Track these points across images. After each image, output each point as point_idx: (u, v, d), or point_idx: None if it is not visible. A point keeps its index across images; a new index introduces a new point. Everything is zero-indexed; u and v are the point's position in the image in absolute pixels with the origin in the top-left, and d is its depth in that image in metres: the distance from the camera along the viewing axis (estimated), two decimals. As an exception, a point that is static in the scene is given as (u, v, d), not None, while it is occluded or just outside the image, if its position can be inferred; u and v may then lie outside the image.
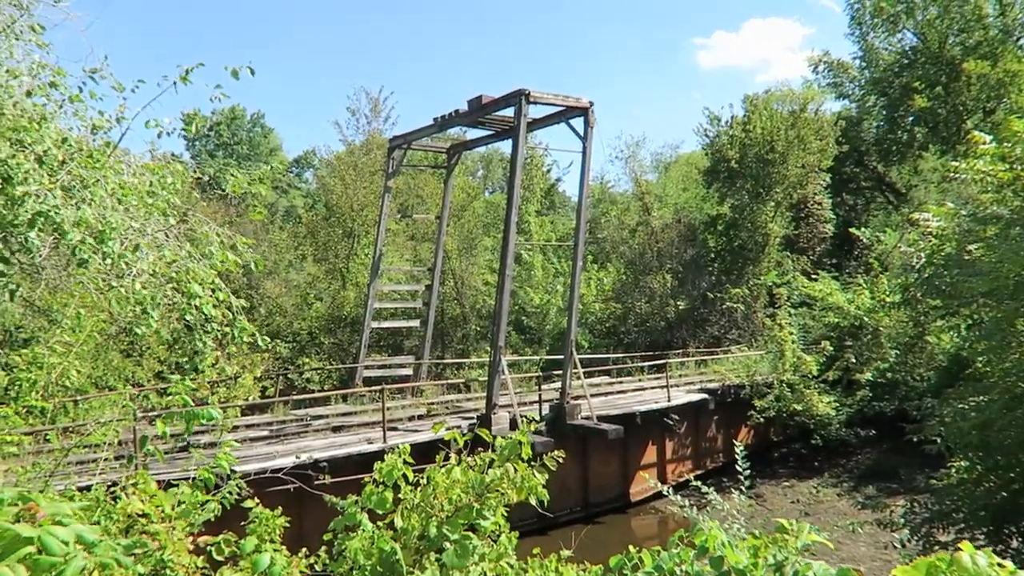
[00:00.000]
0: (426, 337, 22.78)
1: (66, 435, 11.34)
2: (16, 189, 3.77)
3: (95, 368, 21.64)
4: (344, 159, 35.07)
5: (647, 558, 2.28)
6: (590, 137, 17.92)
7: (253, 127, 60.10)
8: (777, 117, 30.33)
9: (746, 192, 30.90)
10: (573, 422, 17.29)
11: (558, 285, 32.88)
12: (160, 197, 4.82)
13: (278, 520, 5.61)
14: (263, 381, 23.19)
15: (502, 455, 4.71)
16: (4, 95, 4.27)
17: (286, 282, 33.25)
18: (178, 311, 4.78)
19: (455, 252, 32.76)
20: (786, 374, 21.62)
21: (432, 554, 4.48)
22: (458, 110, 19.35)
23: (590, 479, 18.60)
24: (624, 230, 36.31)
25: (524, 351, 31.00)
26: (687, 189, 41.50)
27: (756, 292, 30.48)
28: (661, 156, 48.96)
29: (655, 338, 31.81)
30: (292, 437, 16.07)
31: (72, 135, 4.57)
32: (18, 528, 2.00)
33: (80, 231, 3.98)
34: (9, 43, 4.49)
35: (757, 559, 1.95)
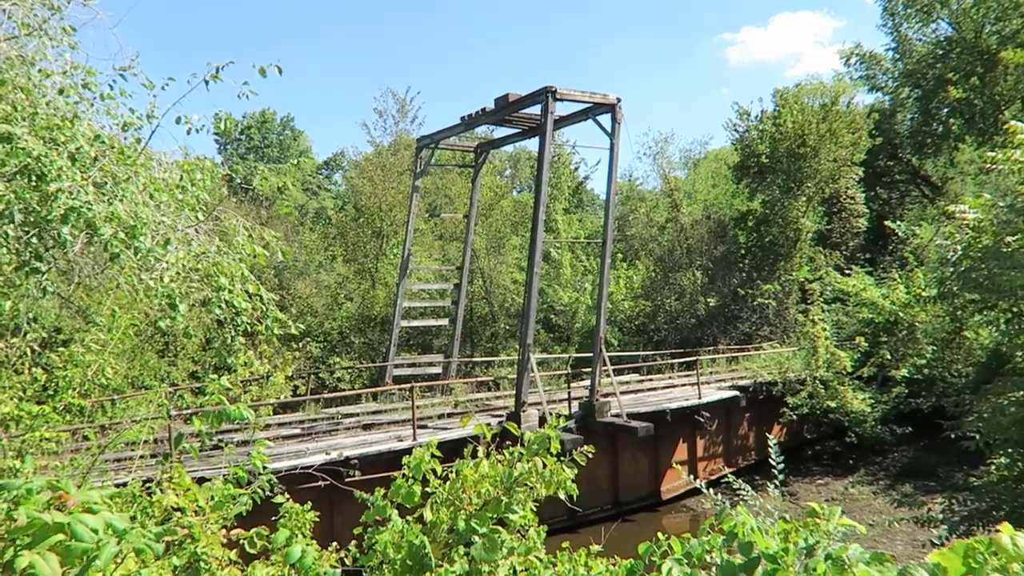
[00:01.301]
0: (455, 336, 22.83)
1: (103, 433, 11.53)
2: (49, 186, 3.84)
3: (131, 368, 22.03)
4: (372, 160, 35.34)
5: (676, 545, 2.24)
6: (618, 133, 17.83)
7: (283, 130, 60.77)
8: (808, 111, 29.91)
9: (777, 187, 30.52)
10: (603, 420, 17.22)
11: (586, 283, 32.77)
12: (190, 193, 4.88)
13: (308, 515, 5.65)
14: (294, 380, 23.41)
15: (531, 449, 4.69)
16: (37, 94, 4.36)
17: (316, 283, 33.58)
18: (207, 306, 4.83)
19: (483, 251, 32.81)
20: (819, 371, 21.32)
21: (461, 548, 4.48)
22: (485, 108, 19.37)
23: (620, 477, 18.51)
24: (653, 227, 36.09)
25: (553, 349, 30.96)
26: (716, 185, 41.11)
27: (788, 288, 30.11)
28: (690, 153, 48.53)
29: (685, 335, 31.57)
30: (323, 435, 16.21)
31: (104, 133, 4.65)
32: (48, 516, 2.02)
33: (112, 226, 4.04)
34: (41, 43, 4.58)
35: (788, 544, 1.91)
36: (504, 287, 33.41)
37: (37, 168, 3.91)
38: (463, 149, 24.87)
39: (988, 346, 19.20)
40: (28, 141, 3.90)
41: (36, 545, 2.00)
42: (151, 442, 9.38)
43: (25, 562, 1.92)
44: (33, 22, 4.50)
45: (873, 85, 36.40)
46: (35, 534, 2.03)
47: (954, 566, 1.64)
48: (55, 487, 2.13)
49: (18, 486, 2.03)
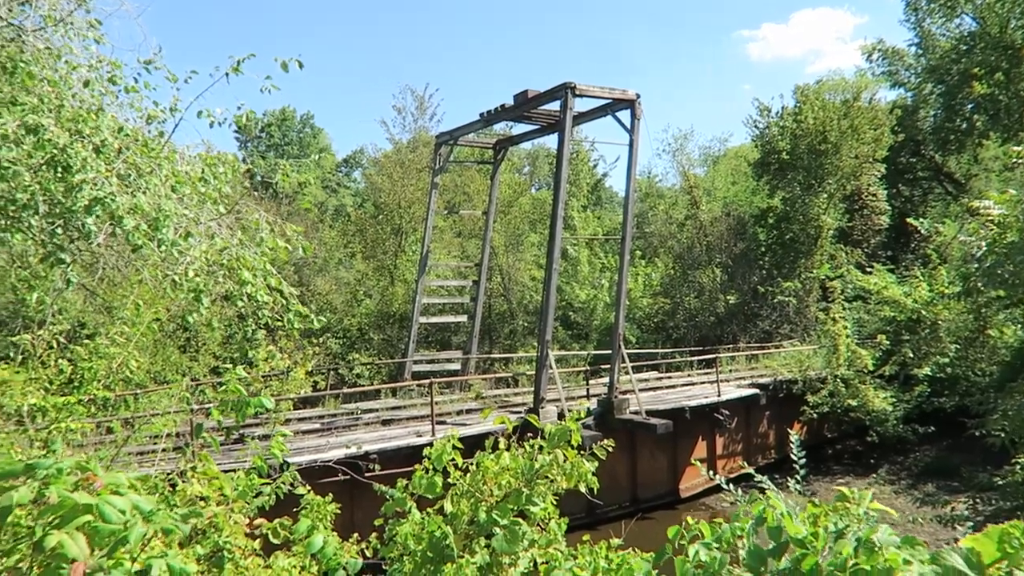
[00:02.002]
0: (473, 332, 22.86)
1: (127, 426, 11.65)
2: (74, 177, 3.88)
3: (154, 363, 22.23)
4: (391, 157, 35.42)
5: (706, 529, 2.23)
6: (637, 129, 17.76)
7: (303, 128, 61.10)
8: (830, 107, 29.63)
9: (798, 184, 30.27)
10: (621, 416, 17.17)
11: (604, 280, 32.69)
12: (212, 186, 4.91)
13: (330, 507, 5.67)
14: (314, 376, 23.54)
15: (551, 441, 4.68)
16: (63, 87, 4.41)
17: (336, 279, 33.74)
18: (230, 299, 4.86)
19: (502, 248, 32.82)
20: (840, 369, 21.13)
21: (482, 539, 4.48)
22: (504, 105, 19.37)
23: (639, 474, 18.46)
24: (672, 224, 35.92)
25: (571, 346, 30.91)
26: (736, 182, 40.84)
27: (808, 286, 29.86)
28: (709, 150, 48.21)
29: (704, 333, 31.41)
30: (343, 430, 16.30)
31: (127, 125, 4.69)
32: (77, 496, 2.04)
33: (135, 218, 4.08)
34: (67, 36, 4.64)
35: (817, 528, 1.88)
36: (522, 284, 33.40)
37: (63, 160, 3.95)
38: (482, 146, 24.88)
39: (1013, 344, 18.95)
40: (54, 132, 3.94)
41: (65, 525, 2.02)
42: (173, 435, 9.47)
43: (54, 541, 1.94)
44: (58, 15, 4.56)
45: (895, 81, 36.02)
46: (64, 515, 2.05)
47: (988, 551, 1.61)
48: (84, 467, 2.15)
49: (48, 466, 2.05)
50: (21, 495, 1.97)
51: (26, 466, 2.04)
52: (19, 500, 1.96)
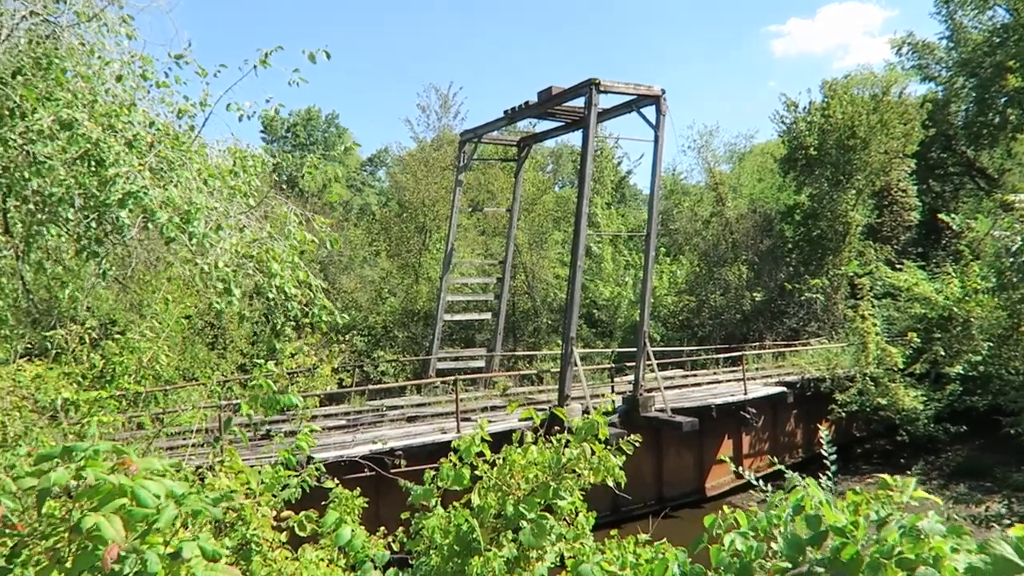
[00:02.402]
0: (498, 330, 22.87)
1: (158, 421, 11.81)
2: (108, 171, 3.94)
3: (182, 360, 22.52)
4: (416, 156, 35.56)
5: (742, 518, 2.19)
6: (662, 125, 17.64)
7: (328, 127, 61.51)
8: (858, 101, 29.20)
9: (825, 180, 29.89)
10: (647, 414, 17.08)
11: (628, 278, 32.54)
12: (241, 179, 4.96)
13: (357, 500, 5.69)
14: (340, 373, 23.71)
15: (579, 435, 4.66)
16: (97, 82, 4.48)
17: (361, 278, 33.95)
18: (260, 291, 4.90)
19: (525, 246, 32.81)
20: (869, 367, 20.84)
21: (509, 533, 4.47)
22: (528, 102, 19.33)
23: (664, 472, 18.35)
24: (697, 221, 35.67)
25: (595, 344, 30.82)
26: (762, 179, 40.43)
27: (836, 283, 29.49)
28: (735, 147, 47.74)
29: (730, 331, 31.15)
30: (368, 427, 16.38)
31: (159, 120, 4.75)
32: (113, 479, 2.07)
33: (167, 211, 4.13)
34: (100, 32, 4.70)
35: (857, 516, 1.84)
36: (546, 282, 33.37)
37: (96, 154, 4.01)
38: (506, 143, 24.87)
39: (1049, 342, 18.58)
40: (88, 127, 4.00)
41: (101, 508, 2.04)
42: (202, 431, 9.60)
43: (91, 523, 1.96)
44: (91, 11, 4.62)
45: (926, 75, 35.46)
46: (102, 499, 2.08)
47: (1037, 540, 1.56)
48: (120, 451, 2.17)
49: (85, 448, 2.08)
50: (59, 476, 2.00)
51: (63, 449, 2.07)
52: (57, 481, 1.99)
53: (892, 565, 1.56)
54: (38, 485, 2.02)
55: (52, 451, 2.09)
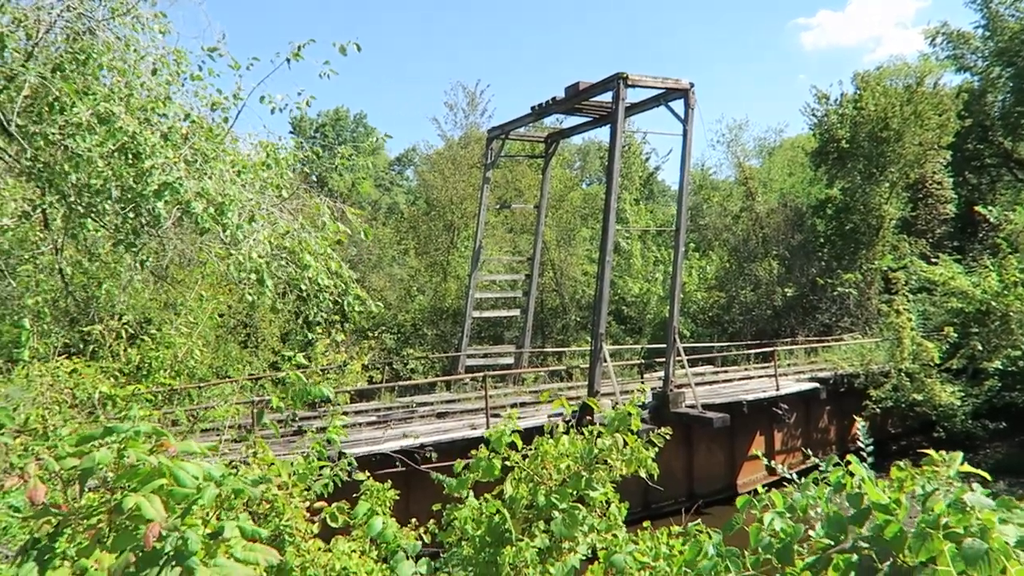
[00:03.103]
0: (526, 327, 22.85)
1: (193, 417, 12.00)
2: (144, 163, 4.01)
3: (215, 358, 22.85)
4: (443, 154, 35.67)
5: (778, 499, 2.16)
6: (691, 119, 17.50)
7: (356, 127, 61.94)
8: (891, 93, 28.71)
9: (858, 173, 29.44)
10: (677, 410, 16.95)
11: (657, 274, 32.35)
12: (274, 171, 5.02)
13: (389, 493, 5.71)
14: (370, 371, 23.89)
15: (611, 425, 4.65)
16: (132, 76, 4.56)
17: (390, 276, 34.16)
18: (293, 282, 4.95)
19: (553, 243, 32.77)
20: (905, 362, 20.48)
21: (540, 523, 4.47)
22: (555, 98, 19.29)
23: (695, 469, 18.21)
24: (727, 216, 35.34)
25: (624, 341, 30.69)
26: (793, 173, 39.95)
27: (870, 278, 29.04)
28: (765, 141, 47.21)
29: (761, 327, 30.83)
30: (398, 423, 16.47)
31: (193, 113, 4.82)
32: (153, 459, 2.10)
33: (202, 202, 4.19)
34: (134, 28, 4.78)
35: (900, 493, 1.80)
36: (574, 279, 33.29)
37: (133, 147, 4.08)
38: (533, 140, 24.84)
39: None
40: (124, 120, 4.07)
41: (141, 489, 2.07)
42: (235, 427, 9.72)
43: (132, 503, 1.99)
44: (125, 7, 4.70)
45: (961, 65, 34.76)
46: (142, 479, 2.11)
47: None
48: (160, 433, 2.20)
49: (126, 429, 2.11)
50: (102, 456, 2.03)
51: (105, 429, 2.10)
52: (100, 461, 2.02)
53: (939, 535, 1.52)
54: (80, 465, 2.06)
55: (94, 432, 2.13)
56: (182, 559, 1.97)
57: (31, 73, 4.07)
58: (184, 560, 1.96)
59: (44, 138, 4.16)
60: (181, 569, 1.96)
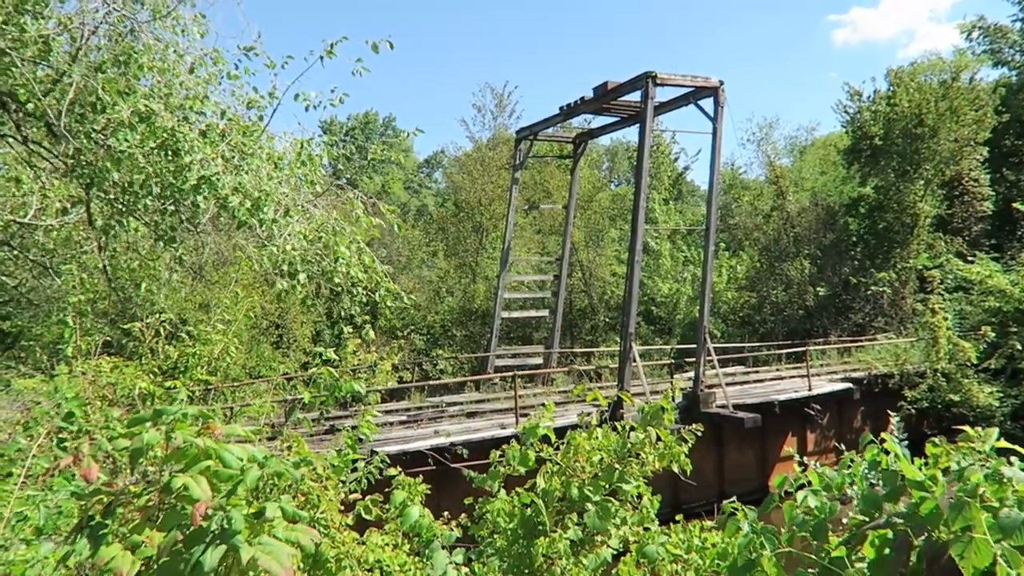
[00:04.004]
0: (555, 327, 22.86)
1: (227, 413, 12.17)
2: (183, 159, 4.12)
3: (248, 359, 23.17)
4: (472, 155, 35.82)
5: (814, 477, 2.16)
6: (720, 117, 17.40)
7: (385, 131, 62.42)
8: (926, 88, 28.23)
9: (891, 170, 29.00)
10: (707, 410, 16.85)
11: (687, 274, 32.15)
12: (308, 167, 5.11)
13: (420, 487, 5.78)
14: (400, 371, 24.07)
15: (644, 419, 4.65)
16: (172, 76, 4.68)
17: (419, 277, 34.36)
18: (327, 275, 5.03)
19: (582, 244, 32.73)
20: (941, 362, 20.15)
21: (573, 515, 4.49)
22: (584, 98, 19.29)
23: (726, 469, 18.08)
24: (757, 216, 35.02)
25: (654, 341, 30.55)
26: (825, 172, 39.45)
27: (904, 277, 28.58)
28: (796, 140, 46.74)
29: (793, 327, 30.49)
30: (428, 422, 16.57)
31: (229, 111, 4.94)
32: (200, 442, 2.16)
33: (239, 196, 4.29)
34: (175, 31, 4.92)
35: (936, 470, 1.80)
36: (603, 280, 33.22)
37: (172, 144, 4.19)
38: (561, 140, 24.85)
39: None
40: (164, 118, 4.18)
41: (189, 470, 2.14)
42: (268, 426, 9.86)
43: (180, 483, 2.06)
44: (165, 9, 4.83)
45: (998, 60, 34.08)
46: (189, 461, 2.18)
47: None
48: (206, 416, 2.27)
49: (174, 412, 2.18)
50: (151, 437, 2.10)
51: (155, 412, 2.18)
52: (149, 442, 2.09)
53: (976, 504, 1.52)
54: (131, 446, 2.13)
55: (144, 415, 2.20)
56: (227, 537, 2.02)
57: (76, 74, 4.21)
58: (229, 538, 2.02)
59: (87, 136, 4.30)
60: (226, 547, 2.02)
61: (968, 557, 1.44)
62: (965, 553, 1.44)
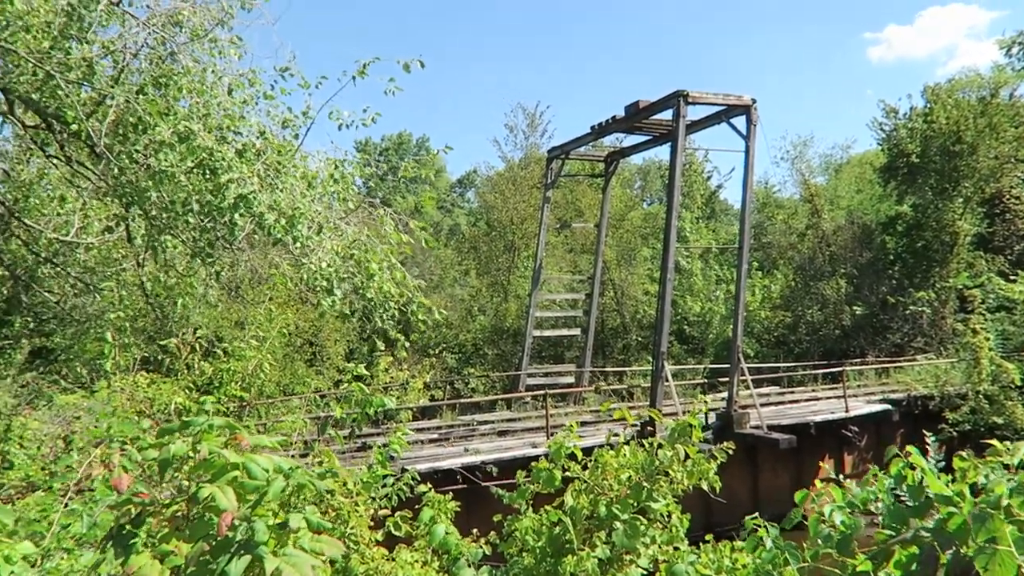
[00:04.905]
0: (587, 346, 22.77)
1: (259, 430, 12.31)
2: (221, 177, 4.23)
3: (283, 376, 23.42)
4: (504, 175, 36.01)
5: (837, 493, 2.13)
6: (753, 135, 17.30)
7: (418, 151, 63.12)
8: (964, 105, 27.79)
9: (929, 188, 28.54)
10: (741, 431, 16.61)
11: (720, 293, 31.84)
12: (340, 184, 5.21)
13: (450, 504, 5.78)
14: (431, 390, 24.14)
15: (672, 436, 4.62)
16: (210, 97, 4.82)
17: (451, 296, 34.51)
18: (360, 291, 5.11)
19: (614, 262, 32.63)
20: (983, 384, 19.64)
21: (601, 534, 4.46)
22: (615, 117, 19.32)
23: (760, 491, 17.76)
24: (792, 234, 34.63)
25: (687, 361, 30.26)
26: (861, 190, 38.93)
27: (944, 296, 28.00)
28: (831, 158, 46.21)
29: (829, 347, 29.98)
30: (459, 440, 16.57)
31: (265, 130, 5.06)
32: (226, 454, 2.20)
33: (274, 214, 4.39)
34: (212, 53, 5.07)
35: (964, 484, 1.76)
36: (635, 299, 33.04)
37: (210, 163, 4.31)
38: (593, 159, 24.87)
39: None
40: (203, 138, 4.30)
41: (216, 480, 2.18)
42: (300, 443, 9.96)
43: (207, 493, 2.10)
44: (201, 31, 4.99)
45: (1040, 75, 33.44)
46: (216, 472, 2.22)
47: None
48: (233, 427, 2.31)
49: (201, 423, 2.22)
50: (178, 448, 2.15)
51: (182, 423, 2.22)
52: (176, 452, 2.14)
53: (999, 516, 1.48)
54: (159, 456, 2.18)
55: (172, 426, 2.25)
56: (251, 547, 2.05)
57: (119, 96, 4.36)
58: (253, 548, 2.05)
59: (128, 157, 4.44)
60: (251, 557, 2.05)
61: (992, 570, 1.40)
62: (989, 566, 1.41)
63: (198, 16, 4.87)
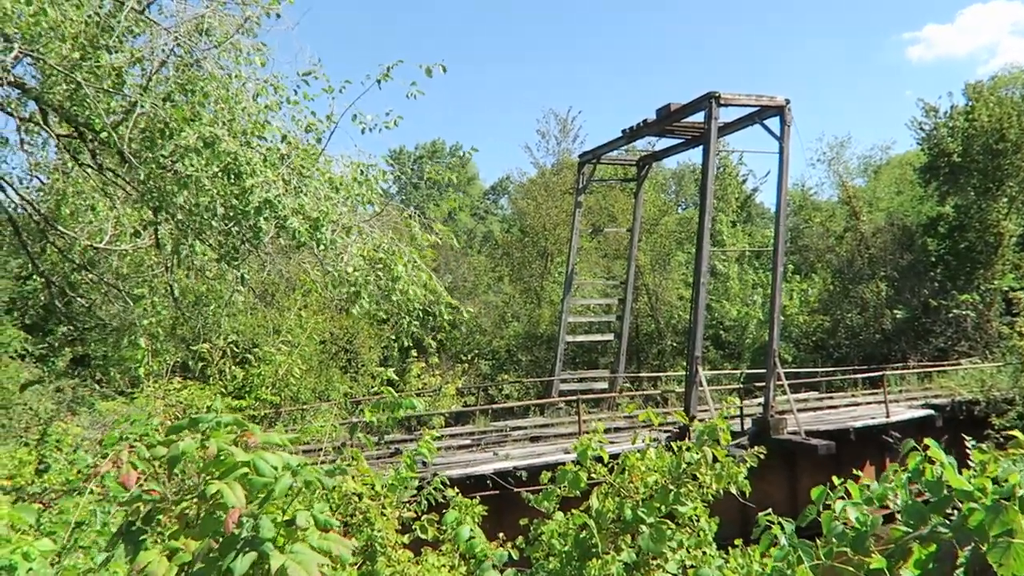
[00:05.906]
0: (621, 351, 22.61)
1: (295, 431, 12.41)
2: (246, 182, 4.28)
3: (318, 383, 23.65)
4: (536, 181, 36.03)
5: (854, 490, 2.05)
6: (787, 136, 17.05)
7: (451, 158, 63.48)
8: (1007, 103, 27.09)
9: (972, 188, 27.85)
10: (779, 437, 16.33)
11: (756, 297, 31.40)
12: (365, 188, 5.24)
13: (477, 508, 5.75)
14: (464, 396, 24.17)
15: (699, 439, 4.53)
16: (233, 102, 4.88)
17: (485, 303, 34.57)
18: (386, 292, 5.12)
19: (647, 267, 32.39)
20: (1031, 388, 19.09)
21: (627, 537, 4.39)
22: (646, 120, 19.20)
23: (799, 498, 17.41)
24: (829, 237, 34.04)
25: (723, 366, 29.87)
26: (901, 192, 38.13)
27: (989, 298, 27.26)
28: (870, 159, 45.33)
29: (869, 351, 29.36)
30: (492, 446, 16.54)
31: (289, 135, 5.12)
32: (234, 451, 2.20)
33: (299, 218, 4.44)
34: (237, 61, 5.15)
35: (984, 479, 1.67)
36: (670, 304, 32.74)
37: (235, 167, 4.36)
38: (625, 163, 24.75)
39: None
40: (228, 143, 4.36)
41: (224, 477, 2.17)
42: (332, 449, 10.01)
43: (215, 490, 2.09)
44: (225, 39, 5.06)
45: (1087, 70, 32.49)
46: (225, 469, 2.21)
47: None
48: (242, 424, 2.31)
49: (209, 420, 2.22)
50: (187, 445, 2.15)
51: (191, 420, 2.22)
52: (184, 449, 2.14)
53: (1014, 507, 1.40)
54: (168, 453, 2.18)
55: (181, 423, 2.25)
56: (257, 544, 2.04)
57: (147, 103, 4.44)
58: (259, 545, 2.04)
59: (156, 162, 4.52)
60: (256, 554, 2.03)
61: (1007, 564, 1.32)
62: (1003, 560, 1.32)
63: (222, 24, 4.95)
